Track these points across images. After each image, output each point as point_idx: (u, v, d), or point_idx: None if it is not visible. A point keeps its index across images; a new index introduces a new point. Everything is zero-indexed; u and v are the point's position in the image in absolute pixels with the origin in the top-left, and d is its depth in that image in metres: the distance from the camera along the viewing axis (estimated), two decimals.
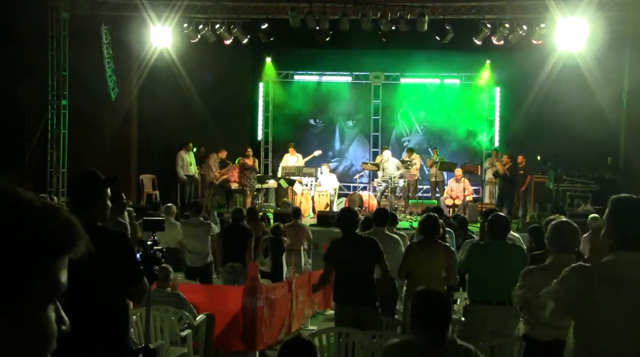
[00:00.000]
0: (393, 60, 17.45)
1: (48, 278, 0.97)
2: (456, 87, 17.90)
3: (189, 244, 9.06)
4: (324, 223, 12.91)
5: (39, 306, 0.97)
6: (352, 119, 18.52)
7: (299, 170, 15.16)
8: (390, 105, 18.20)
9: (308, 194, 15.16)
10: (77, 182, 3.41)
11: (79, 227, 1.01)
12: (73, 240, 1.00)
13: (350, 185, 17.62)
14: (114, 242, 3.17)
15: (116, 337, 3.20)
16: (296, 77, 18.39)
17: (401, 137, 18.45)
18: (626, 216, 2.70)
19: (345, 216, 6.07)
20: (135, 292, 3.31)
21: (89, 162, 12.99)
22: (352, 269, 5.75)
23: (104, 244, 3.07)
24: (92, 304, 3.03)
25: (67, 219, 1.00)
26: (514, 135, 16.67)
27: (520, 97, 16.03)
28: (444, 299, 3.17)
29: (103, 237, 3.12)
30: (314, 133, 18.47)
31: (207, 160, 15.66)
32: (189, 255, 9.02)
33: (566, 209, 13.76)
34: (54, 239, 0.97)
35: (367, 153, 18.07)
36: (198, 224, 9.11)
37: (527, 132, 15.88)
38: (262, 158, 18.16)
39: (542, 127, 15.55)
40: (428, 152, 17.71)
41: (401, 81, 18.04)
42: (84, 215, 3.24)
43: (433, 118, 17.89)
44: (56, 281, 0.99)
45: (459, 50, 15.96)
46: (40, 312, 0.97)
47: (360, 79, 18.29)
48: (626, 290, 2.60)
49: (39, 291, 0.95)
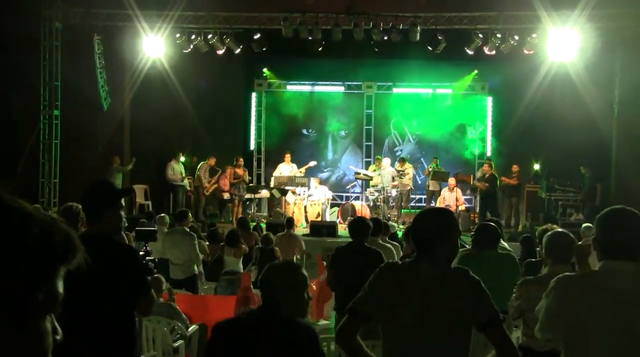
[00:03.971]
0: (385, 70, 17.50)
1: (49, 289, 1.00)
2: (448, 96, 17.95)
3: (171, 255, 8.41)
4: (317, 233, 12.89)
5: (40, 316, 1.01)
6: (344, 128, 18.54)
7: (292, 180, 15.13)
8: (383, 115, 18.24)
9: (301, 203, 15.13)
10: (91, 191, 3.37)
11: (77, 239, 1.04)
12: (73, 252, 1.03)
13: (342, 195, 17.62)
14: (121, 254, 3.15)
15: (123, 349, 3.17)
16: (289, 86, 18.40)
17: (394, 147, 18.47)
18: (611, 225, 2.69)
19: (355, 225, 6.05)
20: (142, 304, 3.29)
21: (81, 172, 12.98)
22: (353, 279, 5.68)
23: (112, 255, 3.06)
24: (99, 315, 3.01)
25: (67, 231, 1.03)
26: (505, 145, 16.71)
27: (512, 107, 16.08)
28: None
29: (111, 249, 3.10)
30: (307, 143, 18.47)
31: (198, 172, 15.61)
32: (172, 267, 8.40)
33: (558, 218, 13.80)
34: (56, 250, 1.01)
35: (359, 163, 18.07)
36: (182, 233, 8.53)
37: (519, 141, 15.93)
38: (254, 168, 18.13)
39: (534, 137, 15.61)
40: (421, 162, 17.76)
41: (394, 91, 18.07)
42: (95, 225, 3.22)
43: (426, 127, 17.93)
44: (56, 291, 1.02)
45: (451, 60, 16.03)
46: (40, 323, 1.01)
47: (353, 89, 18.31)
48: (610, 299, 2.59)
49: (41, 301, 0.99)
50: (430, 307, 2.77)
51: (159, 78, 15.01)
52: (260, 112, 18.53)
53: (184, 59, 14.90)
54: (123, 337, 3.15)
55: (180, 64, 15.06)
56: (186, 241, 8.44)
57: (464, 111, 17.71)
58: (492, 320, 2.78)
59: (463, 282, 2.85)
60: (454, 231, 2.95)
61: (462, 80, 17.52)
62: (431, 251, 2.85)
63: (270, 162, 17.61)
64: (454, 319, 2.79)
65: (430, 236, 2.86)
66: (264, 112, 18.49)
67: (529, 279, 4.23)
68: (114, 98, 14.90)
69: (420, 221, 2.96)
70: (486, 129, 17.74)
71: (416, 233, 2.95)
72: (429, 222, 2.93)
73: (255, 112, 18.57)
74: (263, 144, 18.49)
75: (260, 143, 18.51)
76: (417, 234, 2.95)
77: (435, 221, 2.93)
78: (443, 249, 2.87)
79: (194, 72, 15.54)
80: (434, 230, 2.87)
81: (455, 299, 2.81)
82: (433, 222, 2.92)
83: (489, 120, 17.75)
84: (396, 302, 2.83)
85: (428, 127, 17.82)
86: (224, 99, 16.98)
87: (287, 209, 15.14)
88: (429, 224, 2.92)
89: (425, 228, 2.92)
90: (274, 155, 17.45)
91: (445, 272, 2.87)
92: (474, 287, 2.83)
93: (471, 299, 2.80)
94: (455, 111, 17.71)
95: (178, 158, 15.39)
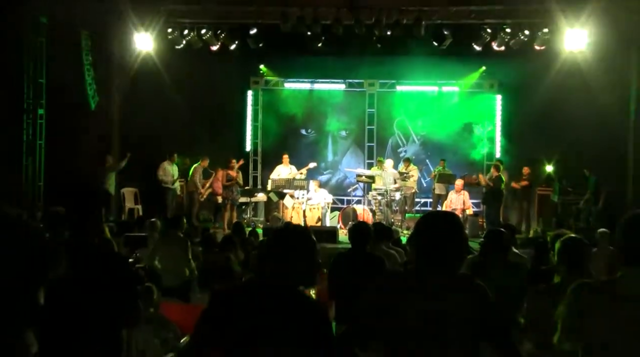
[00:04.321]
0: (389, 66, 17.47)
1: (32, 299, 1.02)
2: (455, 94, 17.95)
3: (163, 262, 8.36)
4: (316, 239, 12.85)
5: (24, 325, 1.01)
6: (345, 128, 18.54)
7: (290, 183, 15.11)
8: (386, 114, 18.25)
9: (299, 208, 15.12)
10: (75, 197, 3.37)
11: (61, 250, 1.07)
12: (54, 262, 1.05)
13: (343, 198, 17.61)
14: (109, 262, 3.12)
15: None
16: (287, 84, 18.41)
17: (397, 148, 18.47)
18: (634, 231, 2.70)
19: (355, 230, 6.02)
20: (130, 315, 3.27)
21: (67, 174, 12.94)
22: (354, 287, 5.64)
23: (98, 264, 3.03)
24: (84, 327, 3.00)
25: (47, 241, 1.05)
26: (516, 145, 16.69)
27: (522, 105, 16.07)
28: None
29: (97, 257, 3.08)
30: (306, 143, 18.47)
31: (192, 177, 15.55)
32: (164, 274, 8.20)
33: (572, 223, 13.76)
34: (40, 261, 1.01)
35: (361, 164, 18.06)
36: (175, 239, 8.50)
37: (530, 141, 15.87)
38: (250, 170, 18.12)
39: (546, 137, 15.57)
40: (426, 163, 17.74)
41: (397, 89, 18.09)
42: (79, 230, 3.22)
43: (431, 127, 17.93)
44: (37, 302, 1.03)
45: (458, 56, 16.01)
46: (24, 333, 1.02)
47: (355, 87, 18.32)
48: (632, 307, 2.59)
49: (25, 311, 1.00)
50: (434, 317, 2.76)
51: (150, 75, 14.98)
52: (256, 111, 18.55)
53: (177, 55, 14.88)
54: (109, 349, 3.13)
55: (173, 61, 15.03)
56: (179, 247, 8.41)
57: (471, 110, 17.71)
58: (500, 330, 2.75)
59: (469, 290, 2.84)
60: (460, 236, 2.92)
61: (469, 77, 17.54)
62: (435, 257, 2.84)
63: (268, 163, 17.60)
64: (460, 330, 2.76)
65: (434, 242, 2.85)
66: (260, 111, 18.49)
67: (540, 289, 4.21)
68: (103, 96, 14.86)
69: (424, 226, 2.95)
70: (495, 128, 17.75)
71: (419, 238, 2.93)
72: (433, 227, 2.92)
73: (252, 111, 18.59)
74: (260, 145, 18.50)
75: (257, 144, 18.52)
76: (420, 239, 2.93)
77: (440, 226, 2.91)
78: (448, 255, 2.85)
79: (187, 70, 15.52)
80: (438, 235, 2.86)
81: (460, 308, 2.78)
82: (437, 226, 2.91)
83: (498, 120, 17.76)
84: (399, 312, 2.81)
85: (433, 126, 17.82)
86: (218, 98, 16.96)
87: (285, 214, 15.14)
88: (433, 229, 2.90)
89: (429, 233, 2.90)
90: (271, 156, 17.43)
91: (450, 279, 2.85)
92: (481, 295, 2.82)
93: (478, 308, 2.79)
94: (462, 110, 17.71)
95: (173, 159, 15.31)
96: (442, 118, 17.64)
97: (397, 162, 16.68)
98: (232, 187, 14.93)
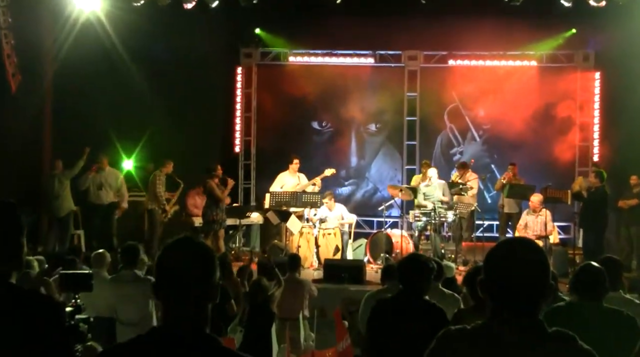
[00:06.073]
0: (437, 33, 17.49)
1: None
2: (532, 72, 17.92)
3: (120, 311, 8.41)
4: (334, 277, 12.80)
5: None
6: (375, 121, 18.54)
7: (297, 199, 14.97)
8: (434, 100, 18.23)
9: (310, 233, 15.06)
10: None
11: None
12: None
13: (373, 220, 17.57)
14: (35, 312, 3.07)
15: None
16: (292, 57, 18.43)
17: (450, 148, 18.45)
18: None
19: (410, 266, 5.90)
20: None
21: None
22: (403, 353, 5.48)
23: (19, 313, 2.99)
24: None
25: None
26: (618, 142, 16.60)
27: (629, 86, 16.00)
28: None
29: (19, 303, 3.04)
30: (319, 142, 18.51)
31: (151, 187, 15.19)
32: (120, 328, 8.33)
33: None
34: None
35: (398, 171, 18.03)
36: (133, 280, 8.44)
37: None
38: (240, 179, 18.10)
39: None
40: (491, 170, 17.67)
41: (449, 63, 18.10)
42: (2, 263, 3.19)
43: (498, 118, 17.91)
44: None
45: (537, 19, 16.01)
46: None
47: (389, 62, 18.36)
48: None
49: None
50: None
51: (94, 44, 15.04)
52: (249, 96, 18.55)
53: (134, 16, 14.94)
54: None
55: (129, 25, 15.10)
56: (139, 290, 8.32)
57: (555, 93, 17.65)
58: None
59: (565, 352, 2.82)
60: (548, 275, 2.91)
61: (551, 45, 17.45)
62: (513, 305, 2.85)
63: (265, 170, 17.64)
64: None
65: (511, 283, 2.85)
66: (255, 95, 18.51)
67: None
68: (28, 74, 14.88)
69: (496, 261, 2.95)
70: (592, 119, 17.66)
71: (490, 280, 2.92)
72: (514, 262, 2.89)
73: (243, 96, 18.58)
74: (253, 144, 18.51)
75: (250, 142, 18.52)
76: (491, 281, 2.92)
77: (523, 261, 2.89)
78: (534, 303, 2.85)
79: (148, 38, 15.57)
80: (517, 274, 2.86)
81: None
82: (519, 261, 2.89)
83: (597, 107, 17.66)
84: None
85: (501, 117, 17.77)
86: (195, 77, 16.95)
87: (289, 242, 15.08)
88: (514, 266, 2.88)
89: (508, 272, 2.89)
90: (270, 160, 17.47)
91: (537, 337, 2.83)
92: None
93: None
94: (542, 93, 17.66)
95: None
96: (514, 105, 17.63)
97: (449, 169, 16.59)
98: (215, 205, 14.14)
